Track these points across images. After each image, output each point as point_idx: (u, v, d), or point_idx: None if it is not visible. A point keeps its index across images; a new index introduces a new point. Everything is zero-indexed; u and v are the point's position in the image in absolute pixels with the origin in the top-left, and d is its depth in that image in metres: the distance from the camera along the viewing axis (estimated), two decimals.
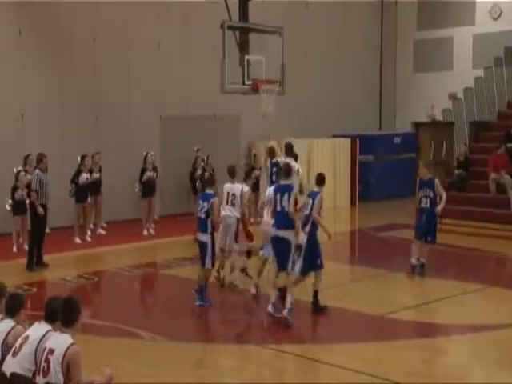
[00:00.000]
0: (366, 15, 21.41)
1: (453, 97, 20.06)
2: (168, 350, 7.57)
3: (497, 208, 15.60)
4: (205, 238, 9.20)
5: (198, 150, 16.33)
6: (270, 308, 8.23)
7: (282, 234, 8.26)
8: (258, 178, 16.66)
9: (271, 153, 11.99)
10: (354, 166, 19.27)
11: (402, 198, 17.96)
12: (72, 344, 4.62)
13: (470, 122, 19.83)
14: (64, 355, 4.56)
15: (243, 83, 13.02)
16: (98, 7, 14.98)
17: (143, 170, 14.47)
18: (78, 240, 13.25)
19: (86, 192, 13.27)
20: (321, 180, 9.00)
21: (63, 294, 6.00)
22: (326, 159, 18.64)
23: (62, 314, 4.77)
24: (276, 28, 13.48)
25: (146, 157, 14.56)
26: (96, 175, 13.63)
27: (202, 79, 16.19)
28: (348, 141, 19.21)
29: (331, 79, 20.10)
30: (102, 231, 14.22)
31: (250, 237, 10.27)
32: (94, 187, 13.62)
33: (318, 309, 8.73)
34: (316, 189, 9.03)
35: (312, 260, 8.70)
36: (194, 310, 9.03)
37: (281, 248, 8.28)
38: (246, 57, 13.13)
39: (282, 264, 8.26)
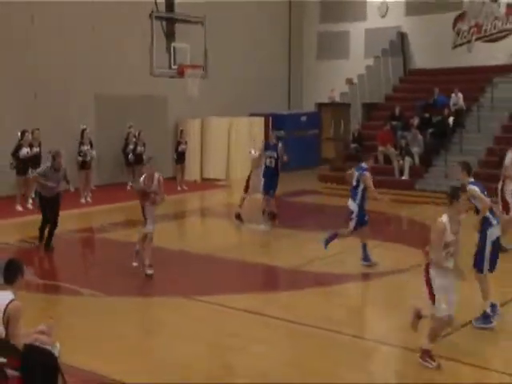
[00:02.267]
0: (276, 9, 21.20)
1: (349, 82, 20.31)
2: (106, 304, 7.31)
3: (384, 175, 16.03)
4: (352, 206, 8.83)
5: (130, 127, 15.86)
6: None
7: None
8: (183, 151, 16.43)
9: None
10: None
11: (307, 168, 18.34)
12: (12, 300, 4.40)
13: (362, 104, 20.19)
14: (4, 310, 4.34)
15: (170, 68, 12.70)
16: None
17: (80, 144, 13.97)
18: (19, 208, 12.57)
19: (26, 165, 12.55)
20: None
21: (6, 256, 5.69)
22: (243, 135, 18.58)
23: (4, 273, 4.56)
24: (199, 18, 13.15)
25: (83, 132, 14.02)
26: (36, 149, 12.91)
27: (133, 63, 15.58)
28: (262, 119, 19.17)
29: (248, 65, 19.85)
30: None
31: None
32: (34, 161, 12.92)
33: None
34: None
35: None
36: (129, 268, 8.74)
37: None
38: (173, 44, 12.78)
39: None
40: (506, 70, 16.90)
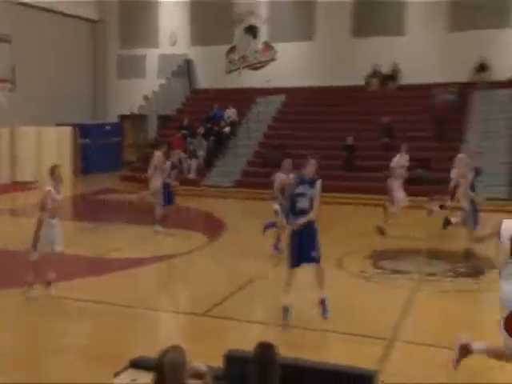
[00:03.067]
0: (83, 32, 20.28)
1: (145, 97, 20.20)
2: None
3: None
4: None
5: None
6: None
7: None
8: None
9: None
10: (75, 148, 18.32)
11: (110, 171, 17.88)
12: None
13: (157, 115, 20.22)
14: None
15: None
16: None
17: None
18: None
19: None
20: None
21: None
22: (51, 143, 17.33)
23: None
24: (5, 36, 11.88)
25: None
26: None
27: None
28: (70, 128, 18.08)
29: (56, 79, 18.47)
30: None
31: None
32: None
33: None
34: None
35: None
36: None
37: None
38: None
39: None
40: (264, 92, 18.54)
